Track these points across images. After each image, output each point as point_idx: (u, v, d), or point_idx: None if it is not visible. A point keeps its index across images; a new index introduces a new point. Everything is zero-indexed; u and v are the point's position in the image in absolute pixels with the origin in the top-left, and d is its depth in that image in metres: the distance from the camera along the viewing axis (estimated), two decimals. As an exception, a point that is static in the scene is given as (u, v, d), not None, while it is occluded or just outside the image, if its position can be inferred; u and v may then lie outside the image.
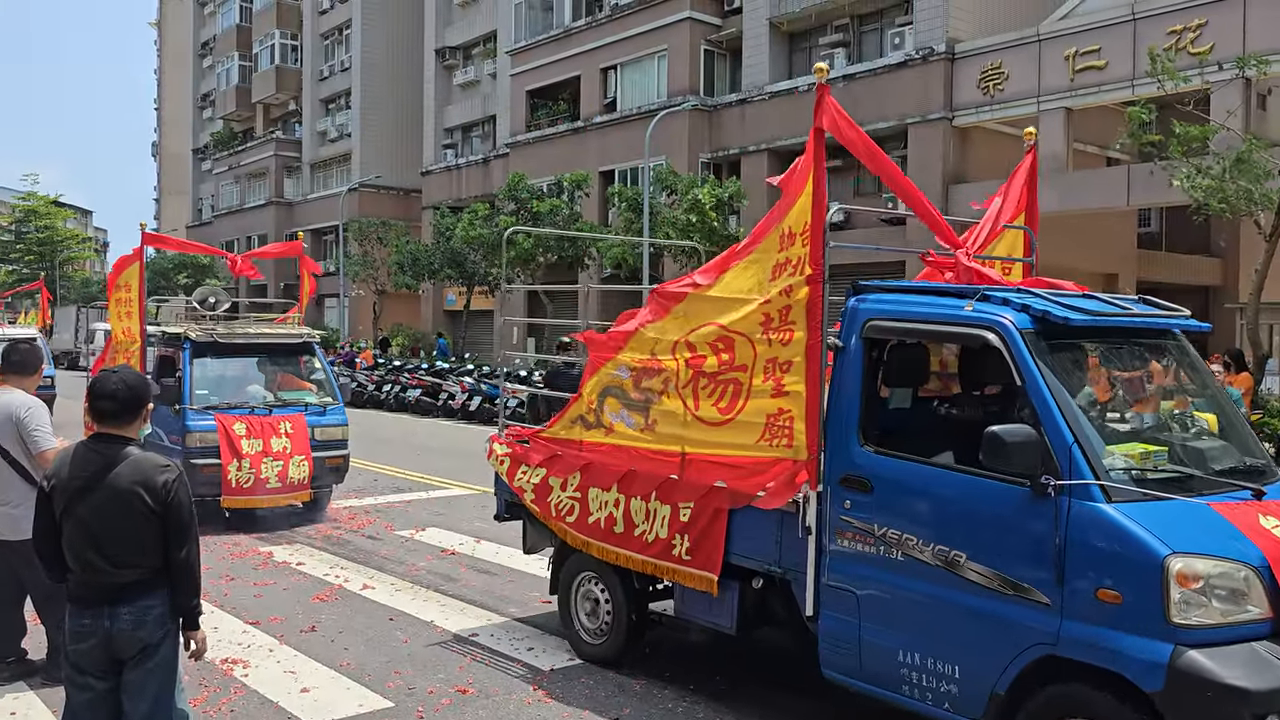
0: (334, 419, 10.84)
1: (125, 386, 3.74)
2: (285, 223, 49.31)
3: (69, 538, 3.66)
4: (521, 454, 6.54)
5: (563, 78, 33.27)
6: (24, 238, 62.25)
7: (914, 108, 24.14)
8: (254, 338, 11.08)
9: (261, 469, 9.94)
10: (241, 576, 8.26)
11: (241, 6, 53.54)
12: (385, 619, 7.13)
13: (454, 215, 31.25)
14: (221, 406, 10.21)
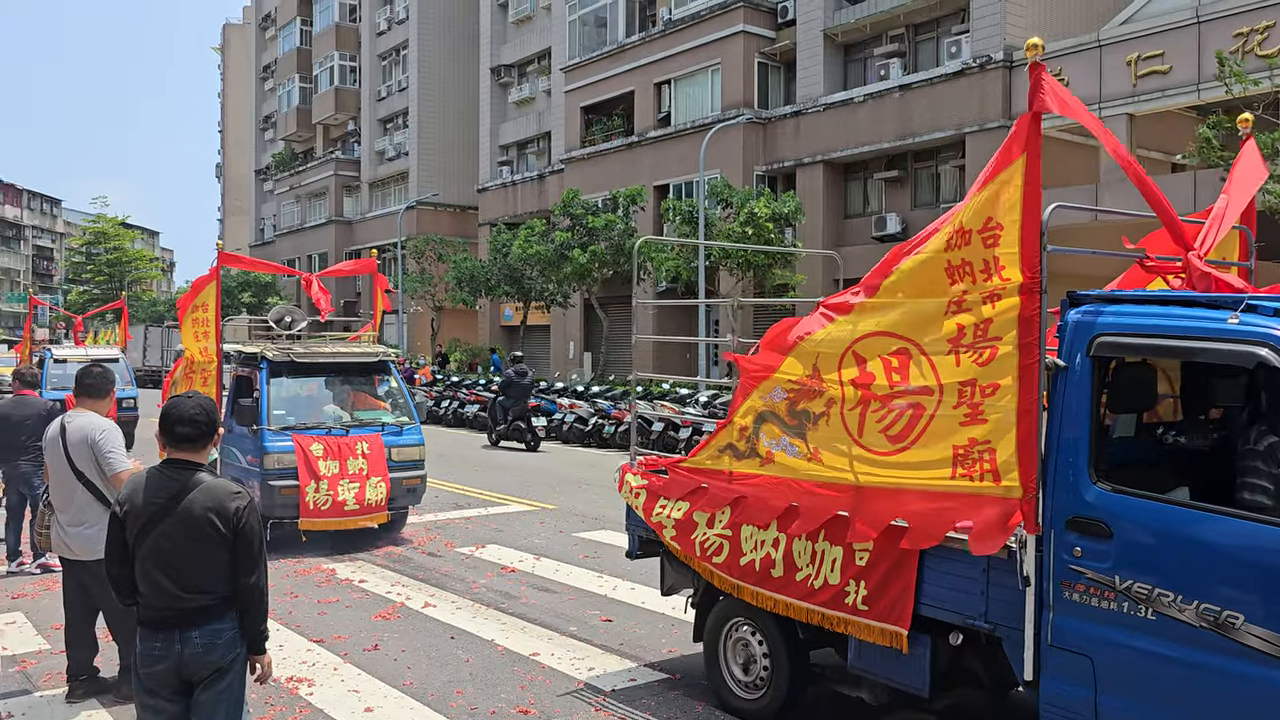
0: (410, 439, 10.69)
1: (203, 412, 3.80)
2: (344, 241, 50.12)
3: (142, 562, 3.71)
4: (659, 486, 5.91)
5: (617, 93, 33.44)
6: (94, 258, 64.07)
7: (972, 117, 23.86)
8: (330, 357, 10.92)
9: (339, 491, 9.84)
10: (305, 594, 8.36)
11: (302, 30, 54.65)
12: (447, 637, 7.16)
13: (510, 231, 31.51)
14: (299, 427, 10.10)
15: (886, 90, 25.75)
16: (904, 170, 26.59)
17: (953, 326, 4.23)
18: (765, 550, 5.21)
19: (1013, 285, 4.05)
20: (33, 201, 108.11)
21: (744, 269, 23.02)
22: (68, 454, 5.68)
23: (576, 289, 28.57)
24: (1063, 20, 24.30)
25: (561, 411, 21.38)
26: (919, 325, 4.38)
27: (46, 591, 8.30)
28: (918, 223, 25.90)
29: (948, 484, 4.27)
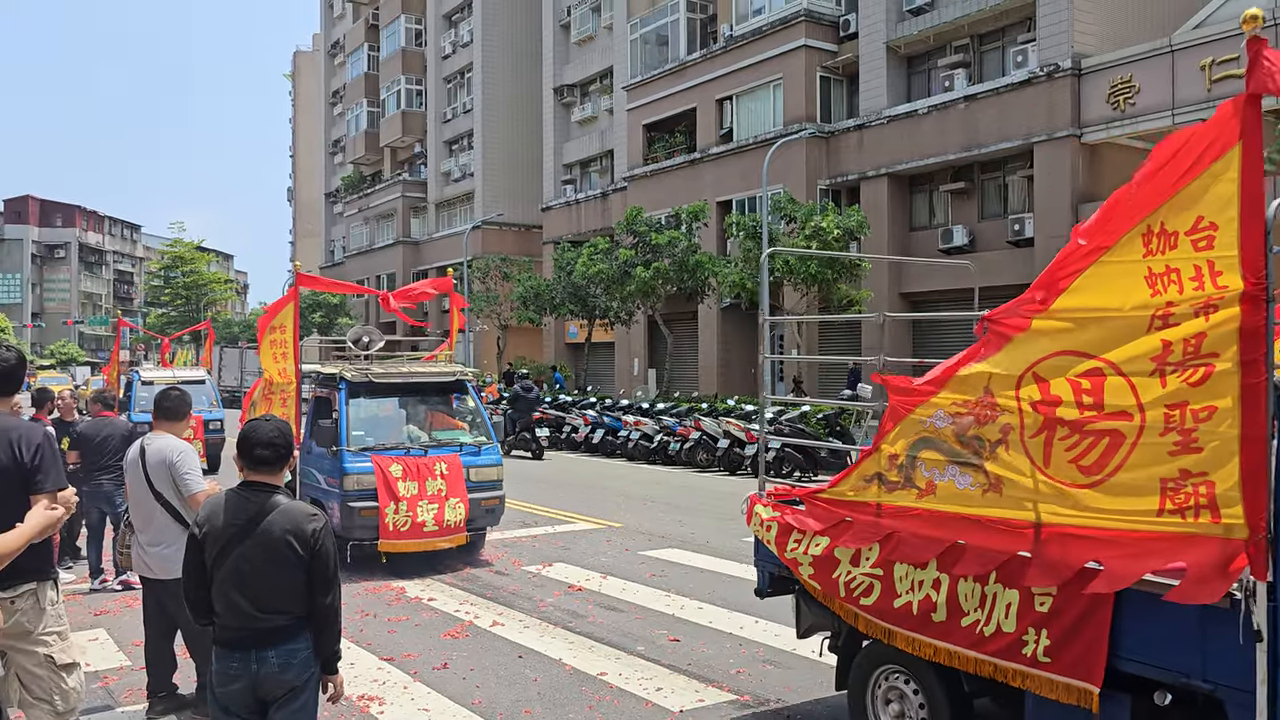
0: (489, 459, 10.59)
1: (280, 435, 3.87)
2: (412, 261, 50.92)
3: (220, 583, 3.78)
4: (794, 519, 5.41)
5: (679, 110, 33.55)
6: (172, 282, 65.95)
7: (1040, 126, 23.47)
8: (408, 377, 10.80)
9: (418, 512, 9.75)
10: (376, 612, 8.46)
11: (369, 55, 55.79)
12: (514, 656, 7.19)
13: (574, 250, 31.72)
14: (377, 448, 10.02)
15: (951, 101, 25.46)
16: (970, 182, 26.23)
17: (1156, 343, 3.73)
18: (924, 592, 4.70)
19: (1232, 294, 3.53)
20: (113, 227, 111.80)
21: (808, 283, 22.86)
22: (147, 475, 5.82)
23: (640, 306, 28.65)
24: (1131, 27, 23.81)
25: (626, 429, 21.40)
26: (1114, 342, 3.87)
27: (128, 609, 8.51)
28: (985, 235, 25.53)
29: (1153, 522, 3.76)
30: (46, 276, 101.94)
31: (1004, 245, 24.76)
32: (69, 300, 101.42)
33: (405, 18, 51.53)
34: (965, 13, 25.65)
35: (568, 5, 41.81)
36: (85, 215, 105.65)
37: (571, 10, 41.56)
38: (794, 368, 27.64)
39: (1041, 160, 23.60)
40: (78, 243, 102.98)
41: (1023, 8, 24.62)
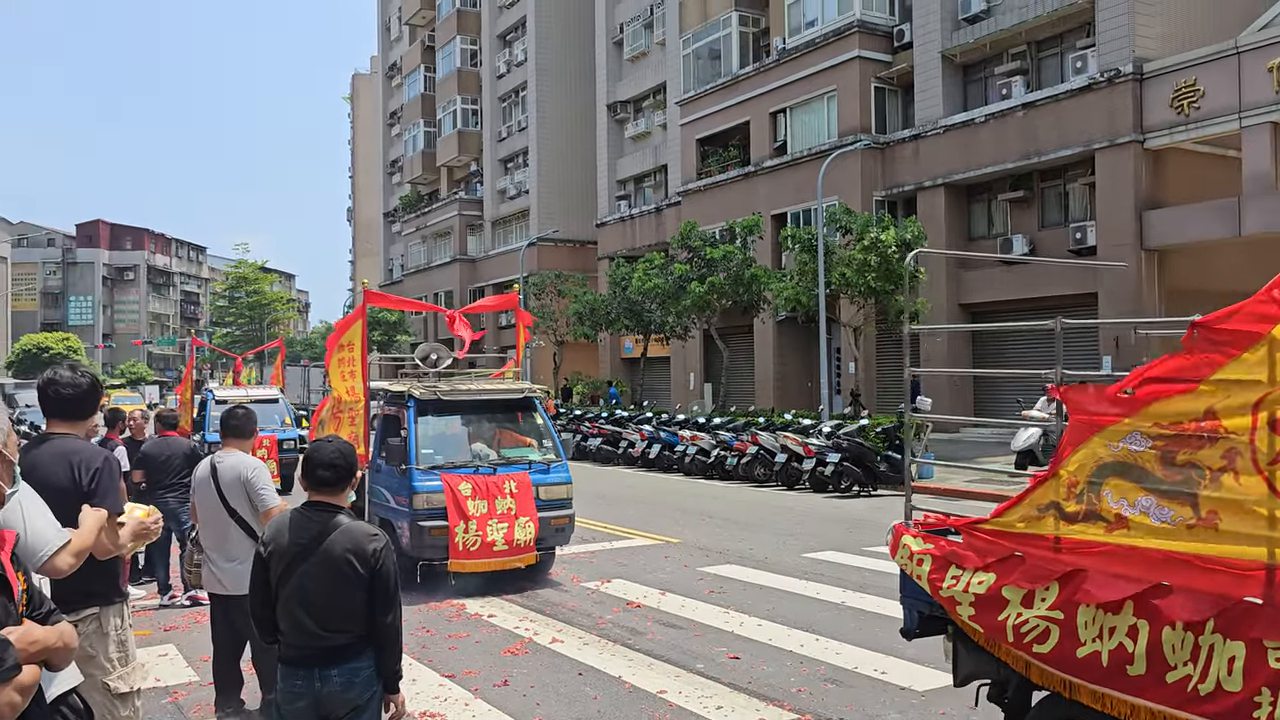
0: (558, 477, 10.48)
1: (342, 456, 3.93)
2: (469, 279, 51.45)
3: (284, 601, 3.84)
4: (950, 552, 4.81)
5: (732, 124, 33.56)
6: (236, 302, 67.38)
7: (1101, 132, 23.07)
8: (477, 394, 10.70)
9: (488, 531, 9.65)
10: (437, 629, 8.52)
11: (425, 76, 56.64)
12: (574, 673, 7.19)
13: (629, 265, 31.81)
14: (446, 466, 9.92)
15: (1009, 109, 25.14)
16: (1030, 190, 25.85)
17: None
18: (1116, 640, 4.01)
19: None
20: (180, 250, 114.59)
21: (865, 296, 22.66)
22: (220, 493, 5.92)
23: (696, 320, 28.63)
24: (1194, 29, 23.34)
25: (683, 444, 21.36)
26: None
27: (196, 624, 8.68)
28: (1045, 244, 25.12)
29: None
30: (117, 298, 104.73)
31: (1065, 254, 24.34)
32: (138, 321, 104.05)
33: (461, 39, 52.25)
34: (1022, 19, 25.34)
35: (620, 22, 42.07)
36: (153, 238, 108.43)
37: (624, 27, 41.82)
38: (852, 381, 27.39)
39: (1103, 167, 23.19)
40: (146, 265, 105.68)
41: (1081, 13, 24.26)
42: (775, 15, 32.28)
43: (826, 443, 17.64)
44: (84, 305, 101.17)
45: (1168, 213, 22.52)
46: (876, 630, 8.03)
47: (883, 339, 27.15)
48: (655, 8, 39.60)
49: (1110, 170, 23.05)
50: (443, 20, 54.00)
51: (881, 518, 14.47)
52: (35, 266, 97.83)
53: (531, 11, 46.87)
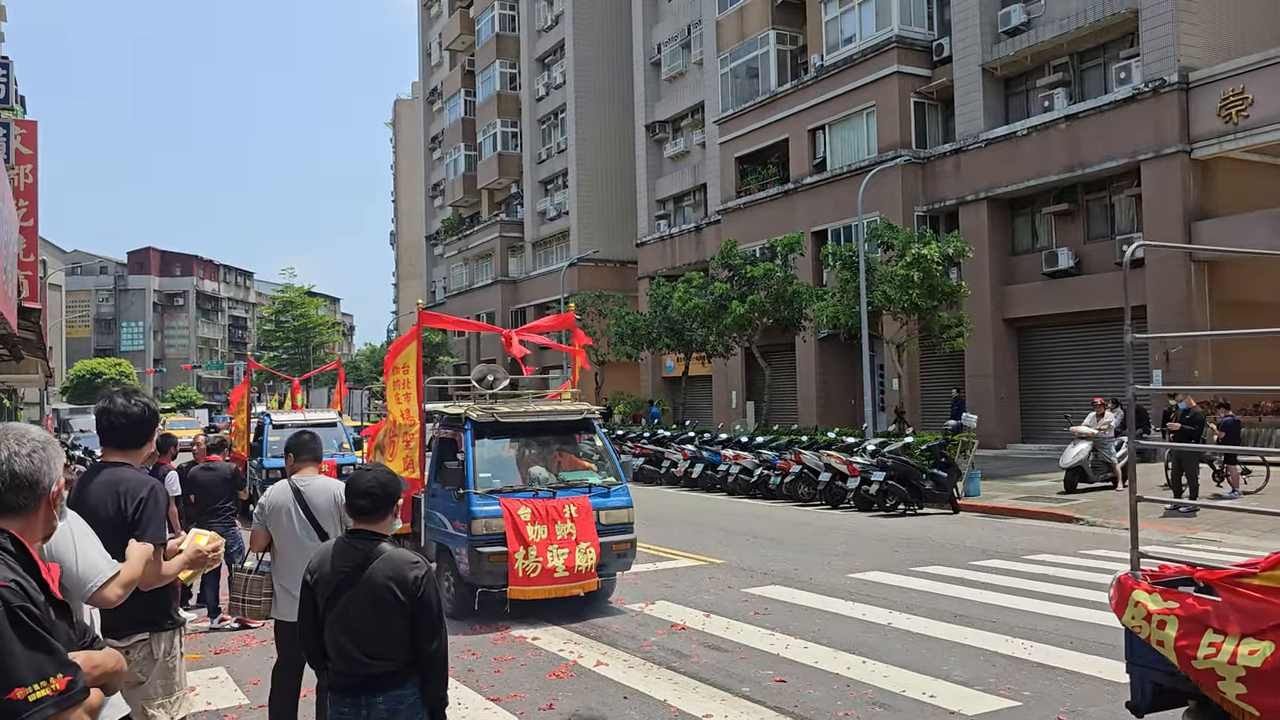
0: (618, 500, 10.09)
1: (379, 485, 3.94)
2: (510, 300, 51.79)
3: (330, 629, 3.87)
4: (1203, 612, 3.99)
5: (770, 142, 33.56)
6: (282, 326, 68.30)
7: (1147, 143, 22.76)
8: (535, 416, 10.38)
9: (548, 557, 9.30)
10: (482, 651, 8.54)
11: (466, 100, 57.28)
12: (619, 697, 7.16)
13: (669, 284, 31.85)
14: (505, 490, 9.62)
15: (1052, 121, 24.89)
16: (1074, 203, 25.55)
17: None
18: None
19: None
20: (228, 275, 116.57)
21: (908, 312, 22.48)
22: (312, 517, 5.74)
23: (737, 339, 28.56)
24: (1240, 37, 23.02)
25: (726, 463, 21.27)
26: None
27: (245, 647, 8.76)
28: (1092, 257, 24.80)
29: None
30: (167, 324, 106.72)
31: (1112, 267, 24.01)
32: (188, 346, 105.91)
33: (500, 63, 52.79)
34: (1064, 31, 25.12)
35: (658, 43, 42.30)
36: (202, 264, 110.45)
37: (661, 48, 42.03)
38: (895, 398, 27.16)
39: (1150, 178, 22.87)
40: (195, 291, 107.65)
41: (1124, 23, 24.00)
42: (813, 32, 32.28)
43: (871, 461, 17.48)
44: (135, 331, 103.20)
45: (1217, 223, 22.14)
46: (924, 652, 7.92)
47: (926, 355, 26.91)
48: (693, 28, 39.78)
49: (1157, 181, 22.73)
50: (482, 45, 54.63)
51: (928, 536, 14.30)
52: (89, 294, 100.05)
53: (570, 35, 47.28)
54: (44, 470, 2.46)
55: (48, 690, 2.17)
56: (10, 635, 2.17)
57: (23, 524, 2.43)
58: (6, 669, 2.16)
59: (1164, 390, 17.66)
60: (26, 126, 12.57)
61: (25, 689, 2.15)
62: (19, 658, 2.16)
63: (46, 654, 2.21)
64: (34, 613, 2.23)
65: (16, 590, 2.23)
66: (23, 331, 12.29)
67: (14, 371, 17.88)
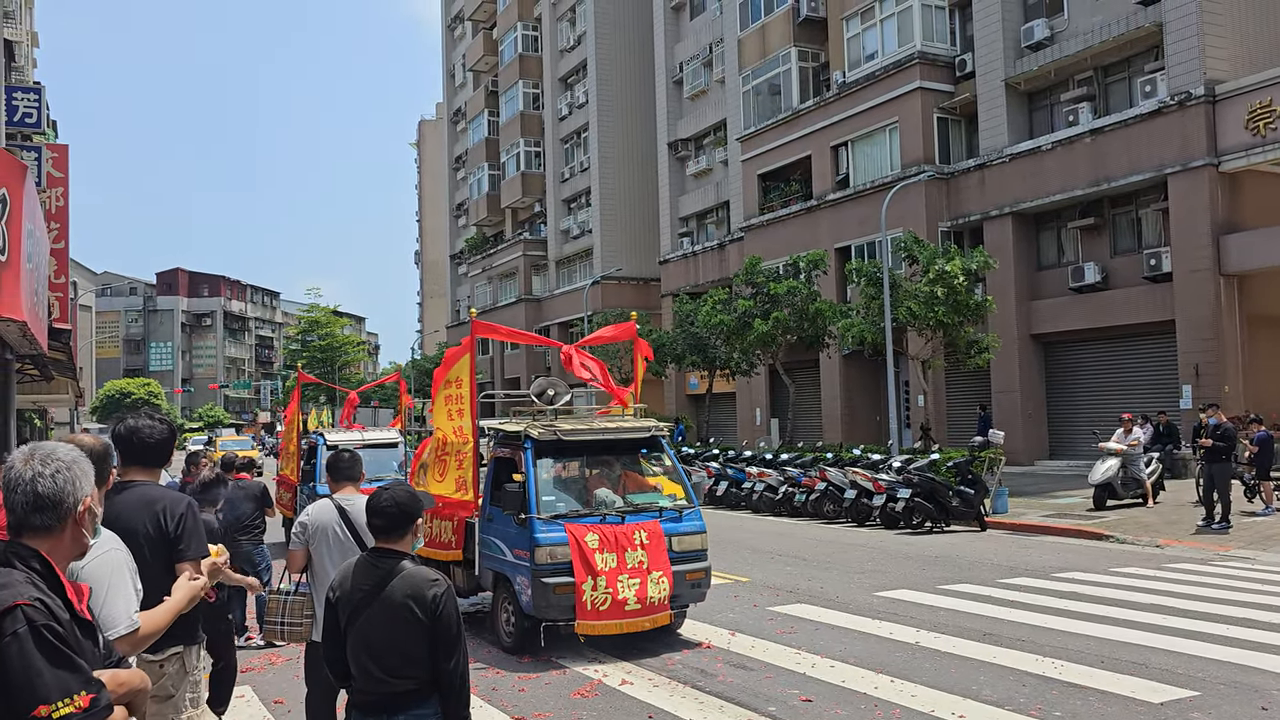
0: (691, 525, 9.34)
1: (395, 504, 3.94)
2: (534, 318, 51.95)
3: (352, 647, 3.87)
4: None
5: (793, 158, 33.56)
6: (308, 345, 68.84)
7: (1173, 156, 22.59)
8: (600, 434, 9.59)
9: (619, 588, 8.55)
10: (506, 669, 8.51)
11: (489, 121, 57.69)
12: (644, 716, 7.11)
13: (693, 301, 31.85)
14: (571, 515, 8.94)
15: (1076, 136, 24.77)
16: (1100, 217, 25.38)
17: None
18: None
19: None
20: (255, 295, 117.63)
21: (934, 329, 22.35)
22: (355, 535, 5.61)
23: (761, 356, 28.50)
24: (1267, 49, 22.87)
25: (750, 480, 21.18)
26: None
27: (271, 665, 8.78)
28: (1119, 271, 24.61)
29: None
30: (195, 344, 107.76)
31: (1140, 281, 23.81)
32: (215, 365, 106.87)
33: (523, 83, 53.15)
34: (1088, 45, 25.02)
35: (680, 61, 42.47)
36: (229, 285, 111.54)
37: (683, 66, 42.19)
38: (921, 414, 27.00)
39: (1177, 192, 22.69)
40: (223, 311, 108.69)
41: (1149, 36, 23.88)
42: (835, 49, 32.31)
43: (896, 478, 17.36)
44: (164, 351, 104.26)
45: (1246, 236, 21.93)
46: (953, 671, 7.83)
47: (952, 372, 26.75)
48: (714, 46, 39.92)
49: (1184, 195, 22.54)
50: (505, 66, 55.05)
51: (955, 554, 14.16)
52: (118, 314, 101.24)
53: (592, 54, 47.56)
54: (68, 490, 2.47)
55: (71, 708, 2.19)
56: (35, 653, 2.19)
57: (50, 543, 2.45)
58: (32, 687, 2.18)
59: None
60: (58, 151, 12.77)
61: (49, 706, 2.17)
62: (44, 675, 2.18)
63: (71, 672, 2.23)
64: (59, 631, 2.25)
65: (41, 609, 2.26)
66: (53, 352, 12.44)
67: (45, 391, 18.09)
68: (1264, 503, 16.58)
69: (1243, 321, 22.36)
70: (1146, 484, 17.88)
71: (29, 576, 2.33)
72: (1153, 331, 23.56)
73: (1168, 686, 7.16)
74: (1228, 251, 21.96)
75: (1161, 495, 18.61)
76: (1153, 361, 23.74)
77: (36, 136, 13.72)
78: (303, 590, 5.88)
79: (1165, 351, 23.21)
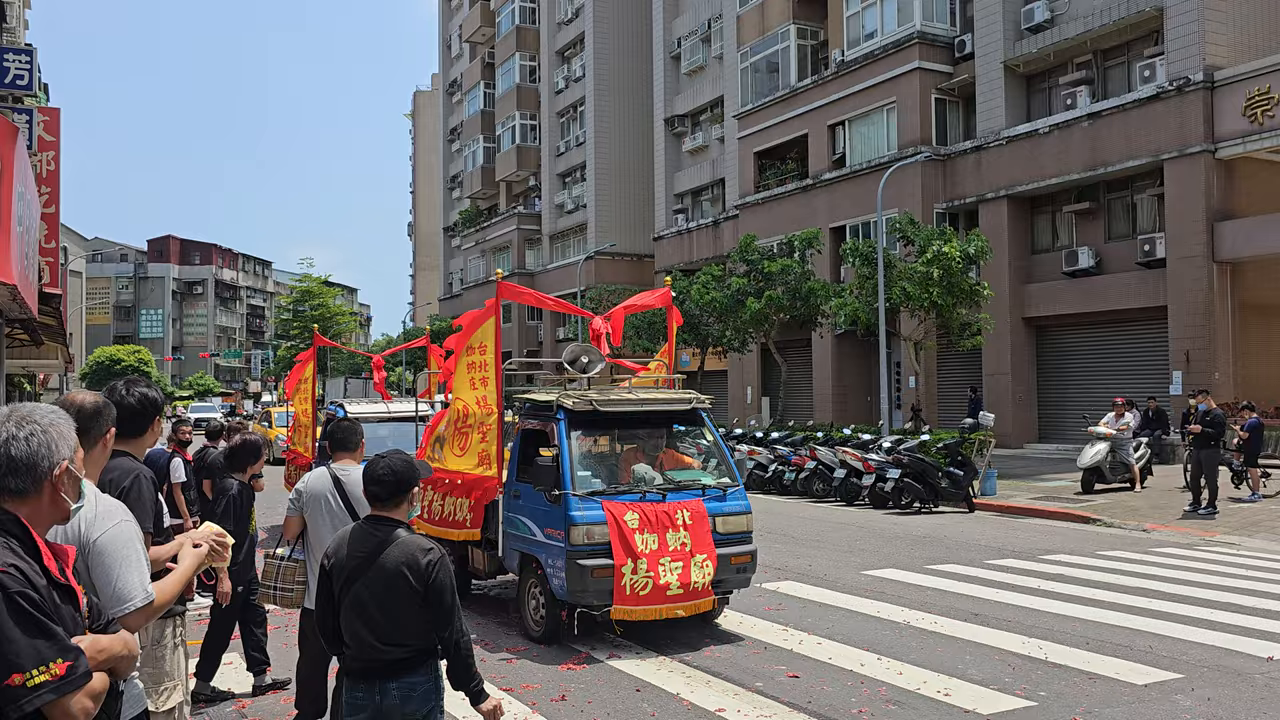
0: (736, 505, 8.74)
1: (390, 472, 3.94)
2: (527, 292, 51.82)
3: (345, 614, 3.88)
4: None
5: (790, 137, 33.45)
6: (300, 315, 68.53)
7: (1170, 142, 22.58)
8: (639, 405, 8.90)
9: (660, 571, 8.01)
10: (495, 642, 8.54)
11: (485, 93, 57.33)
12: (632, 690, 7.15)
13: (686, 278, 31.78)
14: (608, 492, 8.34)
15: (1074, 119, 24.72)
16: (1096, 201, 25.37)
17: None
18: None
19: None
20: (246, 264, 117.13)
21: (927, 310, 22.35)
22: (349, 505, 5.61)
23: (753, 335, 28.49)
24: (1266, 36, 22.80)
25: (739, 457, 21.23)
26: None
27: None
28: (1112, 256, 24.63)
29: None
30: (186, 312, 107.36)
31: (1133, 267, 23.84)
32: (206, 334, 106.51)
33: (520, 55, 52.80)
34: (1088, 28, 24.93)
35: (678, 37, 42.21)
36: (221, 253, 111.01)
37: (681, 42, 41.94)
38: (912, 395, 27.06)
39: (1173, 178, 22.69)
40: (214, 279, 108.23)
41: (1149, 21, 23.80)
42: (834, 27, 32.15)
43: (886, 458, 17.41)
44: (154, 319, 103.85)
45: (1240, 224, 21.95)
46: (939, 650, 7.88)
47: (944, 353, 26.79)
48: (713, 21, 39.67)
49: (1180, 181, 22.54)
50: (502, 37, 54.66)
51: (943, 535, 14.23)
52: (109, 281, 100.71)
53: (590, 28, 47.24)
54: (42, 454, 2.42)
55: (46, 676, 2.17)
56: (8, 621, 2.17)
57: (28, 508, 2.41)
58: (5, 655, 2.16)
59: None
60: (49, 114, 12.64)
61: (23, 675, 2.15)
62: (18, 643, 2.16)
63: (46, 639, 2.21)
64: (34, 598, 2.23)
65: (16, 576, 2.23)
66: (43, 317, 12.37)
67: (34, 356, 18.00)
68: (1250, 489, 16.68)
69: (1235, 309, 22.42)
70: (1134, 468, 17.98)
71: (5, 542, 2.30)
72: (1145, 317, 23.62)
73: (1152, 668, 7.22)
74: (1222, 238, 21.99)
75: (1149, 480, 18.72)
76: (1144, 347, 23.81)
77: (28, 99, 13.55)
78: (297, 556, 5.88)
79: (1157, 337, 23.28)
